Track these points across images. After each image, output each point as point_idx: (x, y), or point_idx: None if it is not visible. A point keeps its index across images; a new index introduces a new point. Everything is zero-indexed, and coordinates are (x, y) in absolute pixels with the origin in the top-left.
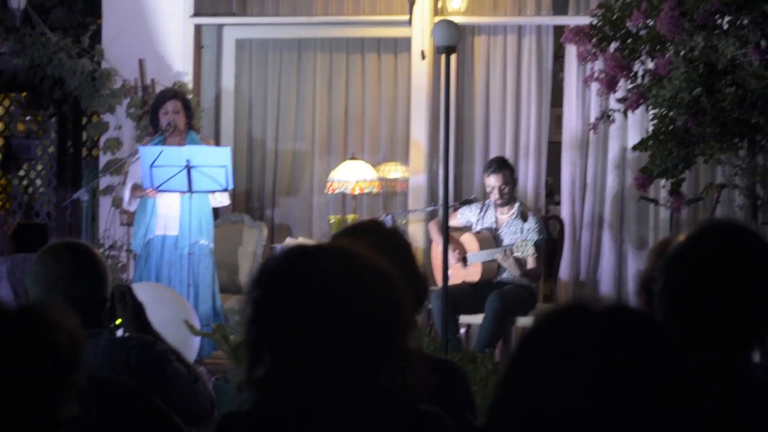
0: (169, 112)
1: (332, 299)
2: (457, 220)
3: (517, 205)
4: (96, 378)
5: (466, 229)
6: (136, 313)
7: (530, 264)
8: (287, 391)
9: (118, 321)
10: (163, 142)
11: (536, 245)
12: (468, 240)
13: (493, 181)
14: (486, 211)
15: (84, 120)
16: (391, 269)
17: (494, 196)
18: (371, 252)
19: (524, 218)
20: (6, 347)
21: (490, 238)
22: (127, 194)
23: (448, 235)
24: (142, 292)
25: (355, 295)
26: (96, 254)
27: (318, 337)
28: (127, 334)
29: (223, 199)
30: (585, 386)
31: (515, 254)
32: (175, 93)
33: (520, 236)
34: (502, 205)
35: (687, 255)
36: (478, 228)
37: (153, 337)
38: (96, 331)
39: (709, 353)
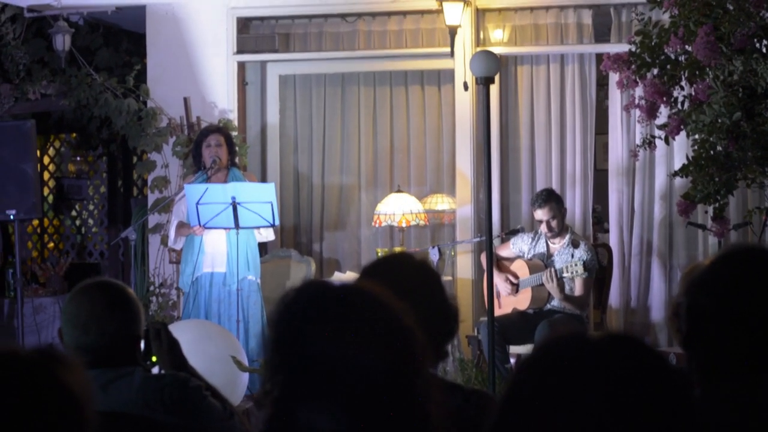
0: (212, 146)
1: (344, 337)
2: (509, 249)
3: (568, 234)
4: (130, 416)
5: (519, 258)
6: (171, 350)
7: (578, 290)
8: (293, 415)
9: (154, 358)
10: (207, 180)
11: (586, 265)
12: (519, 266)
13: (540, 215)
14: (538, 240)
15: (134, 159)
16: (402, 306)
17: (543, 229)
18: (387, 291)
19: (576, 246)
20: (18, 391)
21: (541, 265)
22: (172, 233)
23: (492, 264)
24: (190, 329)
25: (364, 334)
26: (129, 292)
27: (327, 373)
28: (162, 372)
29: (268, 235)
30: (582, 416)
31: (564, 275)
32: (218, 128)
33: (570, 261)
34: (553, 237)
35: (709, 279)
36: (530, 256)
37: (188, 373)
38: (130, 369)
39: (730, 378)
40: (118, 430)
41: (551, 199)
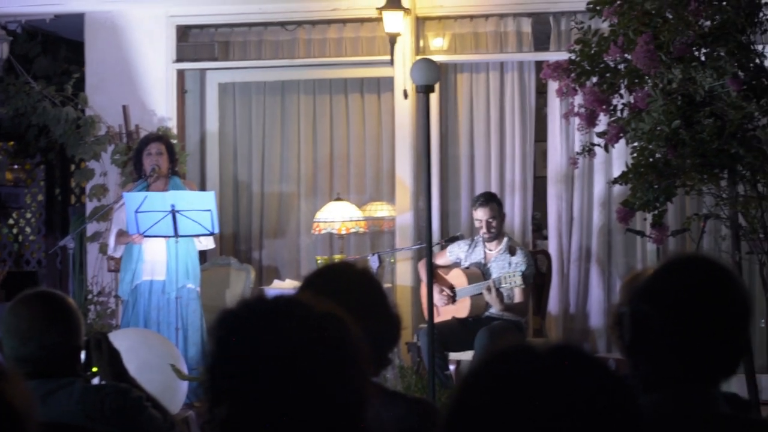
0: (153, 154)
1: (286, 348)
2: (445, 258)
3: (505, 240)
4: (70, 426)
5: (456, 266)
6: (112, 360)
7: (517, 298)
8: None
9: (94, 369)
10: (147, 188)
11: (524, 275)
12: (456, 275)
13: (480, 215)
14: (475, 247)
15: (72, 167)
16: (346, 317)
17: (482, 230)
18: (329, 301)
19: (512, 252)
20: None
21: (479, 274)
22: (112, 241)
23: (432, 271)
24: (129, 337)
25: (306, 344)
26: (69, 303)
27: (273, 384)
28: (103, 382)
29: (208, 243)
30: (527, 428)
31: (503, 285)
32: (159, 136)
33: (508, 269)
34: (491, 239)
35: (652, 288)
36: (467, 264)
37: (129, 384)
38: (70, 380)
39: (674, 387)
40: None
41: (493, 200)
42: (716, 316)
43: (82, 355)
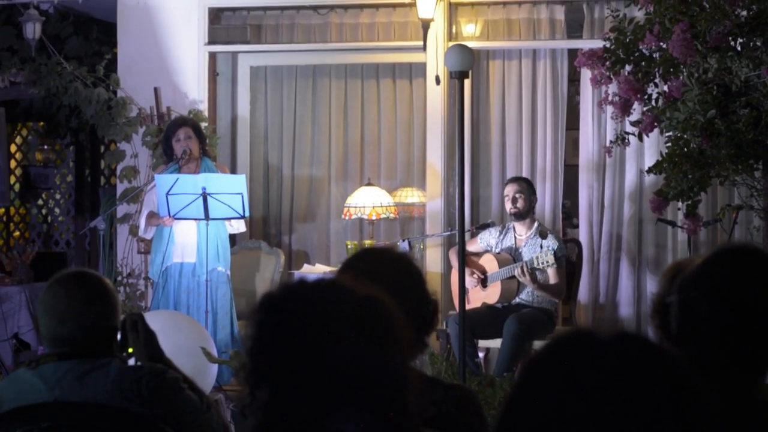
0: (182, 139)
1: (327, 331)
2: (477, 245)
3: (536, 225)
4: (107, 407)
5: (487, 253)
6: (148, 341)
7: (551, 279)
8: (287, 417)
9: (130, 350)
10: (179, 170)
11: (556, 255)
12: (488, 260)
13: (508, 190)
14: (506, 233)
15: (102, 148)
16: (388, 300)
17: (508, 205)
18: (370, 285)
19: (543, 236)
20: None
21: (510, 259)
22: (142, 222)
23: (464, 258)
24: (159, 319)
25: (348, 327)
26: (106, 283)
27: (315, 367)
28: (139, 363)
29: (239, 226)
30: (591, 414)
31: (535, 265)
32: (185, 120)
33: (539, 251)
34: (516, 216)
35: (702, 278)
36: (498, 250)
37: (165, 365)
38: (106, 360)
39: (722, 376)
40: (94, 421)
41: (523, 180)
42: (766, 305)
43: (119, 336)
